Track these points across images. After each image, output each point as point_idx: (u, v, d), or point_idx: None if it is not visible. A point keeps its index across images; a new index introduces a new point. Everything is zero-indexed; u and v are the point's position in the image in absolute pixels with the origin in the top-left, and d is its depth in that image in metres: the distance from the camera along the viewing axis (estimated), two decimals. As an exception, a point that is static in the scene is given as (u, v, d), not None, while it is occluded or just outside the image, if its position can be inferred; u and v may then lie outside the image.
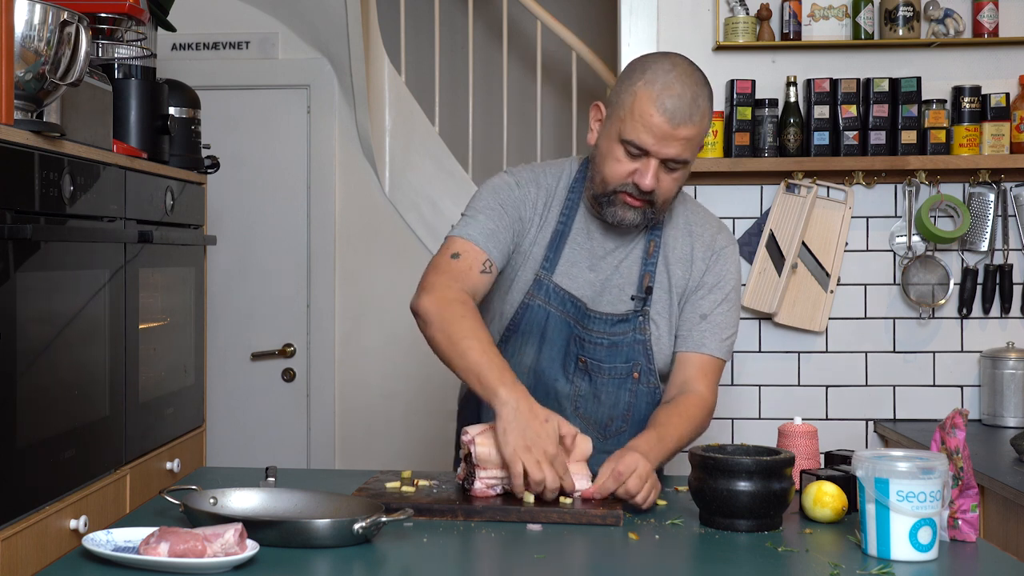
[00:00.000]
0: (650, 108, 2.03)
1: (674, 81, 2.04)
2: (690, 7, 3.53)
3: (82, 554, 1.63)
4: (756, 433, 3.48)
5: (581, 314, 2.18)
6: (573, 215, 2.21)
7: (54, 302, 2.15)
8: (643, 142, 2.04)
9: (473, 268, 2.11)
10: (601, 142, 2.13)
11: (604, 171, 2.11)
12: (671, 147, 2.04)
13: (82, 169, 2.28)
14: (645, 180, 2.06)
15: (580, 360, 2.19)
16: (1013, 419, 3.37)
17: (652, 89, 2.03)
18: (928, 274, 3.49)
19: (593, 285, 2.19)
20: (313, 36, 4.14)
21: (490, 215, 2.16)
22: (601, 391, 2.21)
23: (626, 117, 2.05)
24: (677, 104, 2.02)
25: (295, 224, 4.23)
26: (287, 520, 1.69)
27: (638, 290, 2.20)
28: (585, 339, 2.19)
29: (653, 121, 2.02)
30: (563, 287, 2.18)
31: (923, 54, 3.50)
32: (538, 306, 2.18)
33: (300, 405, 4.23)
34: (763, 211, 3.52)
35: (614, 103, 2.10)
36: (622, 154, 2.08)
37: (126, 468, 2.54)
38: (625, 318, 2.19)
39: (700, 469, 1.85)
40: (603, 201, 2.13)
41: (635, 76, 2.07)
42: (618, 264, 2.21)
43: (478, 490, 1.94)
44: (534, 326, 2.18)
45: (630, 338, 2.19)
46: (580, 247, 2.21)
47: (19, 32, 1.98)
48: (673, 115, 2.02)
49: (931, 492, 1.65)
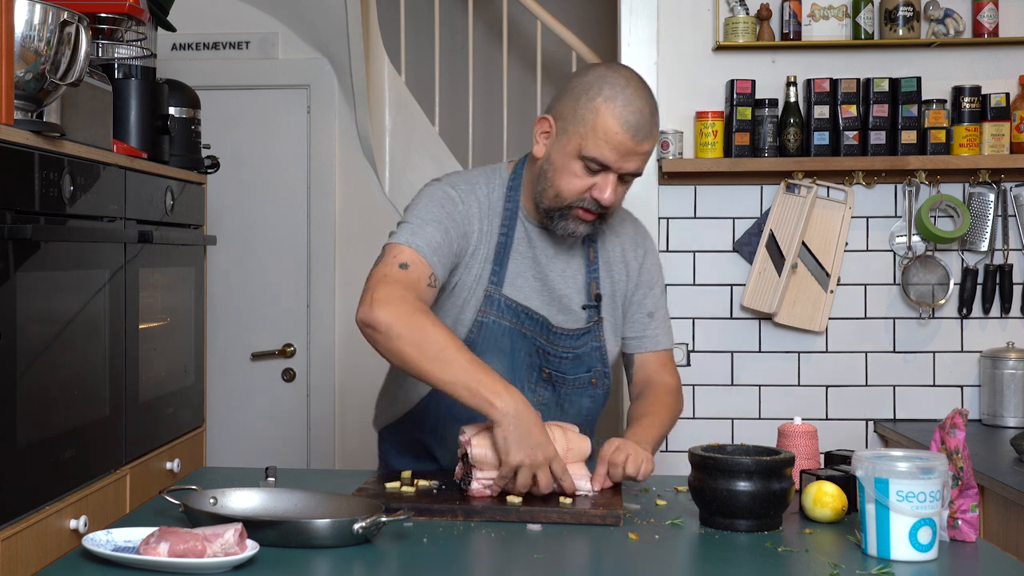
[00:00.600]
0: (614, 125, 2.00)
1: (633, 96, 2.02)
2: (690, 7, 3.53)
3: (82, 554, 1.63)
4: (756, 433, 3.48)
5: (544, 329, 2.16)
6: (513, 225, 2.16)
7: (54, 302, 2.15)
8: (606, 159, 2.02)
9: (421, 280, 2.02)
10: (555, 157, 2.07)
11: (560, 186, 2.07)
12: (632, 162, 2.04)
13: (82, 169, 2.28)
14: (605, 195, 2.04)
15: (544, 371, 2.18)
16: (1013, 419, 3.37)
17: (614, 105, 2.00)
18: (928, 274, 3.49)
19: (541, 295, 2.17)
20: (313, 36, 4.14)
21: (437, 227, 2.07)
22: (564, 400, 2.22)
23: (587, 134, 2.02)
24: (639, 120, 2.01)
25: (295, 224, 4.23)
26: (287, 520, 1.69)
27: (588, 299, 2.21)
28: (550, 353, 2.17)
29: (618, 139, 2.00)
30: (515, 300, 2.14)
31: (923, 54, 3.51)
32: (493, 322, 2.13)
33: (300, 405, 4.23)
34: (763, 211, 3.52)
35: (569, 118, 2.05)
36: (580, 169, 2.04)
37: (126, 468, 2.54)
38: (588, 330, 2.20)
39: (700, 469, 1.85)
40: (554, 215, 2.10)
41: (592, 92, 2.03)
42: (562, 271, 2.19)
43: (475, 490, 1.94)
44: (492, 343, 2.13)
45: (589, 347, 2.21)
46: (523, 256, 2.17)
47: (19, 32, 1.98)
48: (637, 131, 2.01)
49: (931, 492, 1.65)
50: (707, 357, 3.53)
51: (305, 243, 4.22)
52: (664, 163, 3.46)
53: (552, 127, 2.09)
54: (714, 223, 3.53)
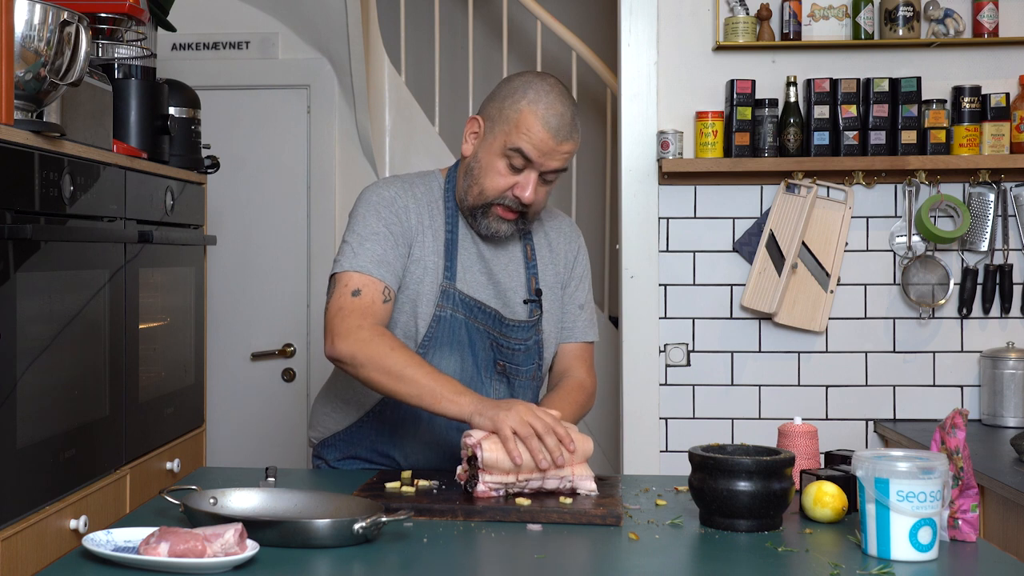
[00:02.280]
0: (536, 124, 2.12)
1: (555, 100, 2.15)
2: (690, 7, 3.53)
3: (82, 554, 1.63)
4: (756, 433, 3.48)
5: (496, 322, 2.24)
6: (456, 222, 2.26)
7: (54, 302, 2.15)
8: (529, 152, 2.13)
9: (376, 301, 2.13)
10: (481, 155, 2.19)
11: (484, 183, 2.18)
12: (553, 160, 2.15)
13: (82, 169, 2.28)
14: (526, 193, 2.16)
15: (498, 364, 2.26)
16: (1013, 419, 3.37)
17: (537, 107, 2.14)
18: (928, 274, 3.49)
19: (487, 289, 2.26)
20: (313, 36, 4.14)
21: (375, 240, 2.17)
22: (518, 393, 2.29)
23: (511, 131, 2.14)
24: (560, 122, 2.14)
25: (295, 224, 4.23)
26: (287, 520, 1.69)
27: (528, 293, 2.29)
28: (503, 345, 2.25)
29: (540, 137, 2.12)
30: (468, 294, 2.22)
31: (923, 54, 3.51)
32: (450, 315, 2.20)
33: (300, 405, 4.23)
34: (763, 211, 3.52)
35: (496, 119, 2.17)
36: (504, 167, 2.16)
37: (126, 468, 2.54)
38: (534, 323, 2.28)
39: (700, 469, 1.85)
40: (477, 213, 2.21)
41: (518, 95, 2.16)
42: (505, 267, 2.29)
43: (481, 492, 1.94)
44: (452, 335, 2.21)
45: (533, 340, 2.29)
46: (470, 252, 2.26)
47: (19, 32, 1.98)
48: (557, 131, 2.13)
49: (931, 492, 1.65)
50: (707, 357, 3.53)
51: (305, 243, 4.22)
52: (664, 163, 3.46)
53: (481, 127, 2.21)
54: (714, 223, 3.53)
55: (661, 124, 3.53)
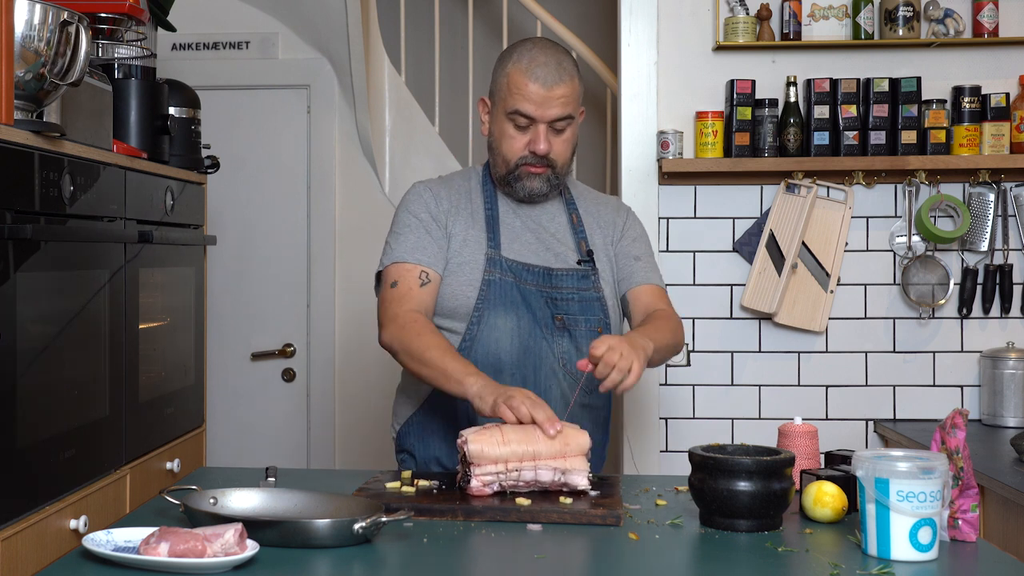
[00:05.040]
0: (523, 79, 2.26)
1: (537, 53, 2.28)
2: (690, 7, 3.53)
3: (82, 554, 1.63)
4: (756, 433, 3.48)
5: (545, 278, 2.31)
6: (495, 201, 2.38)
7: (54, 302, 2.15)
8: (527, 109, 2.26)
9: (412, 287, 2.27)
10: (493, 128, 2.35)
11: (503, 149, 2.31)
12: (552, 108, 2.26)
13: (82, 169, 2.28)
14: (540, 145, 2.27)
15: (557, 319, 2.31)
16: (1013, 419, 3.37)
17: (520, 64, 2.28)
18: (928, 274, 3.49)
19: (537, 251, 2.34)
20: (313, 36, 4.14)
21: (408, 231, 2.32)
22: (582, 345, 2.31)
23: (506, 95, 2.28)
24: (545, 71, 2.25)
25: (295, 224, 4.23)
26: (287, 520, 1.69)
27: (580, 255, 2.37)
28: (558, 298, 2.31)
29: (529, 89, 2.25)
30: (513, 259, 2.31)
31: (923, 54, 3.51)
32: (499, 279, 2.29)
33: (300, 405, 4.23)
34: (763, 211, 3.52)
35: (495, 91, 2.33)
36: (512, 129, 2.29)
37: (126, 468, 2.54)
38: (586, 274, 2.34)
39: (700, 469, 1.85)
40: (510, 179, 2.33)
41: (504, 61, 2.32)
42: (554, 232, 2.38)
43: (475, 488, 1.94)
44: (505, 297, 2.29)
45: (591, 295, 2.34)
46: (513, 223, 2.37)
47: (19, 32, 1.98)
48: (545, 80, 2.25)
49: (931, 492, 1.65)
50: (707, 357, 3.53)
51: (305, 243, 4.22)
52: (664, 163, 3.46)
53: (488, 105, 2.37)
54: (714, 223, 3.53)
55: (661, 124, 3.53)
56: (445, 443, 2.34)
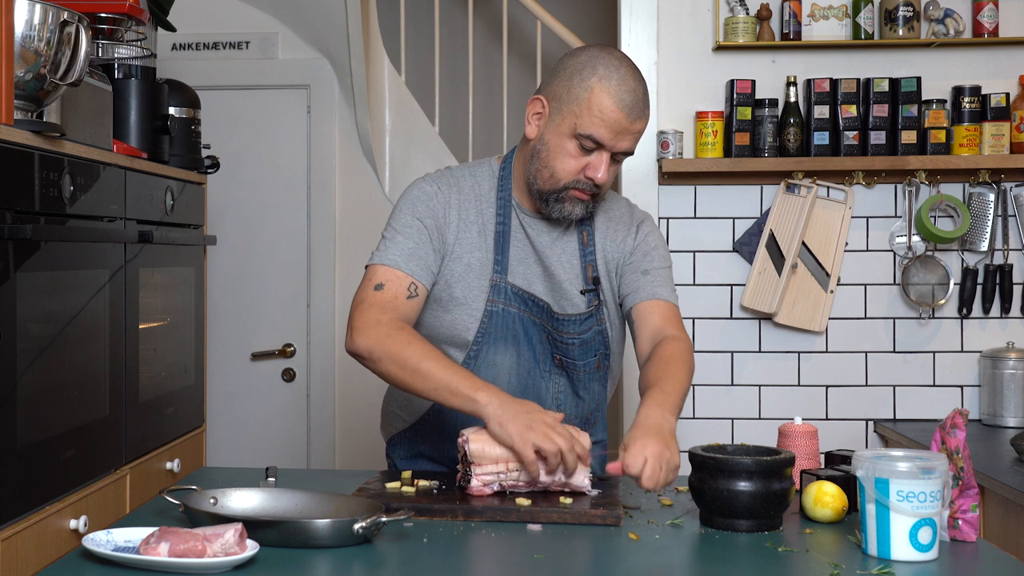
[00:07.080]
0: (609, 103, 2.03)
1: (627, 76, 2.05)
2: (690, 7, 3.53)
3: (82, 554, 1.63)
4: (756, 433, 3.48)
5: (548, 316, 2.17)
6: (508, 214, 2.18)
7: (54, 302, 2.15)
8: (601, 136, 2.04)
9: (399, 296, 2.08)
10: (549, 138, 2.09)
11: (555, 166, 2.09)
12: (625, 140, 2.07)
13: (82, 169, 2.28)
14: (599, 174, 2.07)
15: (556, 358, 2.20)
16: (1013, 419, 3.37)
17: (609, 84, 2.03)
18: (928, 274, 3.49)
19: (543, 281, 2.18)
20: (313, 36, 4.14)
21: (408, 234, 2.13)
22: (579, 386, 2.23)
23: (582, 112, 2.04)
24: (633, 99, 2.04)
25: (295, 224, 4.22)
26: (287, 520, 1.69)
27: (585, 283, 2.20)
28: (557, 340, 2.18)
29: (613, 116, 2.03)
30: (520, 287, 2.16)
31: (923, 54, 3.51)
32: (502, 310, 2.15)
33: (300, 405, 4.23)
34: (763, 211, 3.52)
35: (563, 98, 2.07)
36: (575, 149, 2.07)
37: (126, 468, 2.54)
38: (589, 315, 2.19)
39: (700, 469, 1.85)
40: (550, 198, 2.12)
41: (587, 72, 2.05)
42: (559, 258, 2.19)
43: (475, 488, 1.94)
44: (506, 330, 2.16)
45: (593, 332, 2.20)
46: (522, 244, 2.18)
47: (19, 32, 1.98)
48: (631, 110, 2.04)
49: (931, 492, 1.65)
50: (707, 357, 3.53)
51: (305, 243, 4.22)
52: (664, 163, 3.46)
53: (545, 107, 2.11)
54: (714, 223, 3.53)
55: (661, 124, 3.53)
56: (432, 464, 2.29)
